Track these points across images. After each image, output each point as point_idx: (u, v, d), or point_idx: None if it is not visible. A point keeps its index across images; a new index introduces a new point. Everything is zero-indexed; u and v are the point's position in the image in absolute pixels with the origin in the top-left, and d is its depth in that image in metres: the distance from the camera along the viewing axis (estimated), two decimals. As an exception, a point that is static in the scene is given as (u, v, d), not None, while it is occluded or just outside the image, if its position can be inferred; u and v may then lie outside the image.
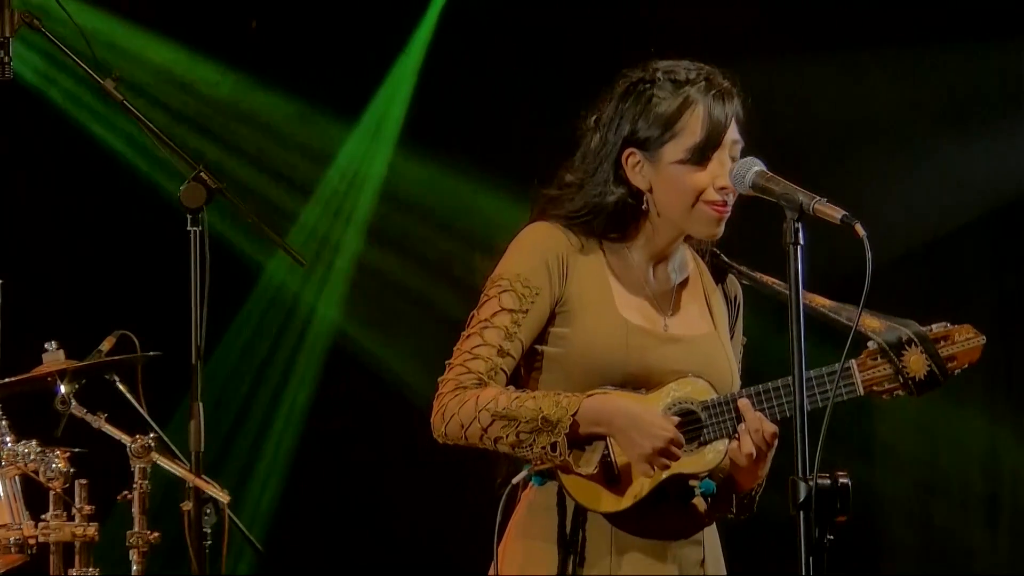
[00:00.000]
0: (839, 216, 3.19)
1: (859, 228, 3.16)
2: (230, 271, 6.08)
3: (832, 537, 3.09)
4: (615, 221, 3.55)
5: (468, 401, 3.44)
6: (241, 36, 7.65)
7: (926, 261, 7.09)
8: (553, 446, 3.39)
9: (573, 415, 3.40)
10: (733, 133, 3.52)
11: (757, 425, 3.42)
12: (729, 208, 3.52)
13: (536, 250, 3.53)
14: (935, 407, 7.19)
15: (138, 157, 7.33)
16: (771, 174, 3.33)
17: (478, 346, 3.48)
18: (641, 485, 3.44)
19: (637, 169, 3.52)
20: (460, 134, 7.50)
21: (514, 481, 3.48)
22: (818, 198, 3.21)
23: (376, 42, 7.68)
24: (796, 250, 3.19)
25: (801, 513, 3.09)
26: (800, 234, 3.19)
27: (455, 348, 3.52)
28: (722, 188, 3.48)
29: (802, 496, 3.08)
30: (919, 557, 7.39)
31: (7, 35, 4.57)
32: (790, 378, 3.41)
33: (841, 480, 3.11)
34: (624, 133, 3.52)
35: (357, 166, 7.81)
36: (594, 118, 3.57)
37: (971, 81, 7.25)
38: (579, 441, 3.44)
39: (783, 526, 3.17)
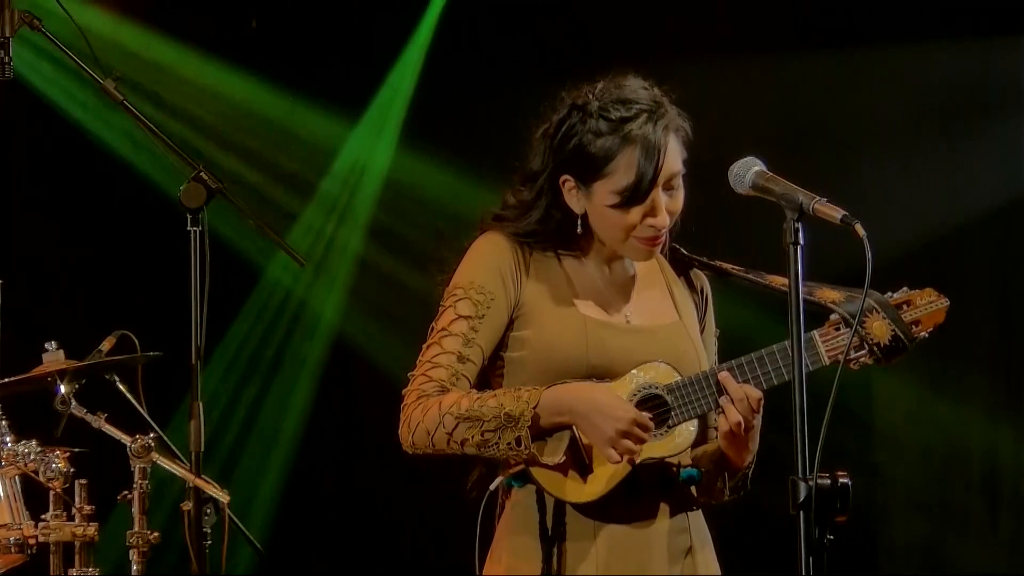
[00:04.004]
0: (839, 216, 3.20)
1: (859, 228, 3.16)
2: (230, 271, 6.09)
3: (832, 537, 3.10)
4: (560, 240, 3.60)
5: (431, 408, 3.47)
6: (241, 36, 7.65)
7: (926, 261, 7.08)
8: (517, 440, 3.42)
9: (534, 408, 3.42)
10: (673, 165, 3.51)
11: (741, 395, 3.44)
12: (662, 238, 3.55)
13: (489, 258, 3.57)
14: (936, 405, 7.19)
15: (138, 157, 7.33)
16: (771, 174, 3.33)
17: (438, 355, 3.53)
18: (612, 472, 3.45)
19: (573, 194, 3.55)
20: (462, 132, 7.51)
21: (491, 487, 3.50)
22: (818, 198, 3.22)
23: (377, 40, 7.68)
24: (796, 250, 3.19)
25: (801, 513, 3.09)
26: (800, 234, 3.20)
27: (417, 360, 3.56)
28: (652, 225, 3.50)
29: (802, 496, 3.09)
30: (919, 554, 7.39)
31: (7, 35, 4.57)
32: (763, 350, 3.47)
33: (841, 480, 3.12)
34: (559, 162, 3.53)
35: (358, 165, 7.81)
36: (540, 131, 3.59)
37: (971, 81, 7.25)
38: (544, 433, 3.46)
39: (783, 526, 3.17)
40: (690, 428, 3.49)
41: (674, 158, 3.50)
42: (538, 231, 3.58)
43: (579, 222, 3.55)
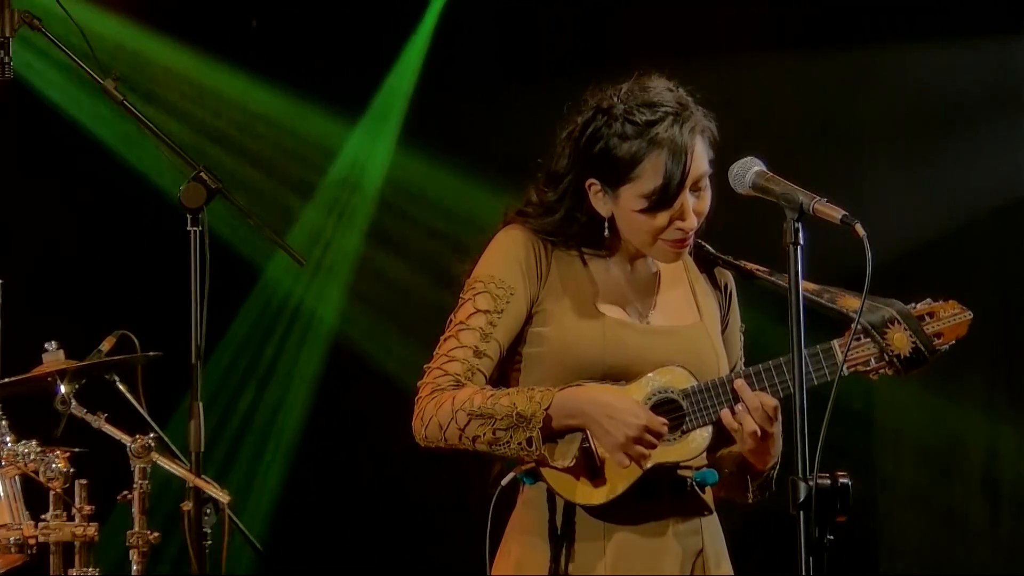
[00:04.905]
0: (839, 216, 3.20)
1: (859, 228, 3.16)
2: (230, 271, 6.09)
3: (832, 537, 3.09)
4: (585, 240, 3.59)
5: (445, 402, 3.46)
6: (241, 35, 7.65)
7: (926, 261, 7.08)
8: (529, 441, 3.41)
9: (546, 409, 3.41)
10: (700, 167, 3.49)
11: (757, 403, 3.42)
12: (689, 240, 3.53)
13: (510, 252, 3.56)
14: (936, 406, 7.19)
15: (138, 157, 7.33)
16: (771, 174, 3.32)
17: (454, 348, 3.51)
18: (623, 476, 3.45)
19: (599, 197, 3.53)
20: (462, 132, 7.51)
21: (503, 483, 3.49)
22: (818, 198, 3.22)
23: (377, 40, 7.68)
24: (796, 250, 3.19)
25: (801, 513, 3.09)
26: (800, 234, 3.20)
27: (434, 352, 3.55)
28: (680, 228, 3.49)
29: (802, 496, 3.09)
30: (919, 554, 7.39)
31: (7, 35, 4.57)
32: (781, 359, 3.45)
33: (841, 480, 3.12)
34: (584, 166, 3.52)
35: (358, 165, 7.81)
36: (566, 133, 3.57)
37: (971, 81, 7.24)
38: (556, 435, 3.45)
39: (783, 526, 3.17)
40: (704, 434, 3.48)
41: (701, 160, 3.49)
42: (562, 232, 3.57)
43: (606, 226, 3.54)
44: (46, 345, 5.08)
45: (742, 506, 3.63)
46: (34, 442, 4.95)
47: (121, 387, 5.04)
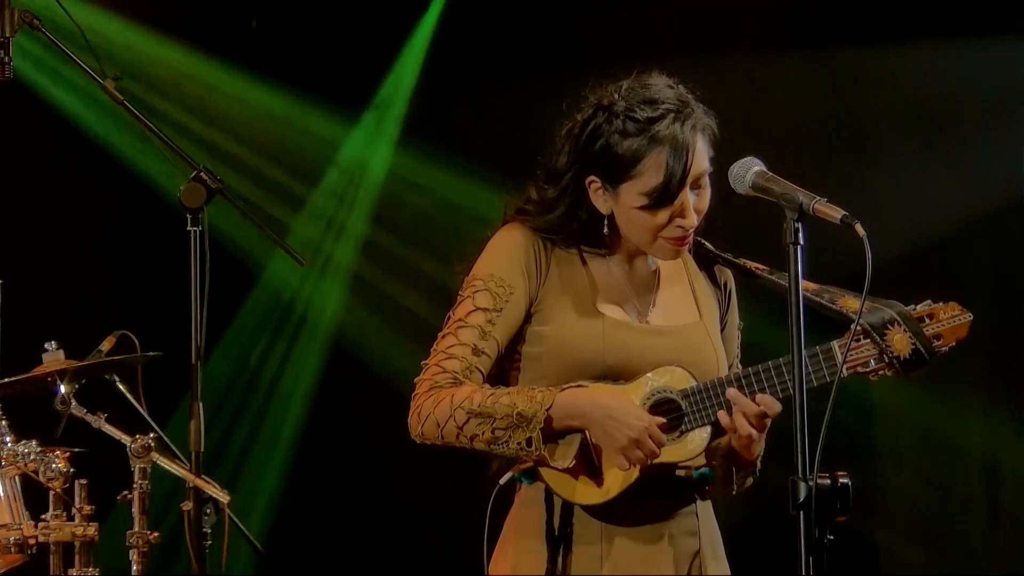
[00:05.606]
0: (839, 216, 3.20)
1: (859, 228, 3.16)
2: (230, 271, 6.08)
3: (832, 537, 3.09)
4: (584, 238, 3.58)
5: (443, 400, 3.46)
6: (241, 35, 7.65)
7: (926, 261, 7.08)
8: (528, 441, 3.41)
9: (547, 410, 3.41)
10: (701, 165, 3.49)
11: (757, 410, 3.42)
12: (690, 238, 3.53)
13: (510, 251, 3.55)
14: (936, 406, 7.19)
15: (138, 157, 7.33)
16: (771, 174, 3.32)
17: (453, 346, 3.51)
18: (622, 477, 3.44)
19: (599, 194, 3.53)
20: (462, 132, 7.51)
21: (500, 482, 3.49)
22: (818, 198, 3.22)
23: (377, 40, 7.68)
24: (796, 250, 3.19)
25: (801, 513, 3.09)
26: (800, 234, 3.20)
27: (432, 349, 3.54)
28: (680, 226, 3.49)
29: (802, 496, 3.08)
30: (919, 557, 7.38)
31: (7, 35, 4.57)
32: (781, 359, 3.45)
33: (841, 480, 3.12)
34: (585, 163, 3.51)
35: (358, 164, 7.81)
36: (566, 130, 3.56)
37: (971, 81, 7.24)
38: (556, 435, 3.45)
39: (783, 526, 3.17)
40: (703, 434, 3.48)
41: (702, 157, 3.49)
42: (561, 229, 3.56)
43: (605, 223, 3.54)
44: (46, 345, 5.08)
45: (741, 506, 3.63)
46: (34, 442, 4.94)
47: (121, 387, 5.04)
